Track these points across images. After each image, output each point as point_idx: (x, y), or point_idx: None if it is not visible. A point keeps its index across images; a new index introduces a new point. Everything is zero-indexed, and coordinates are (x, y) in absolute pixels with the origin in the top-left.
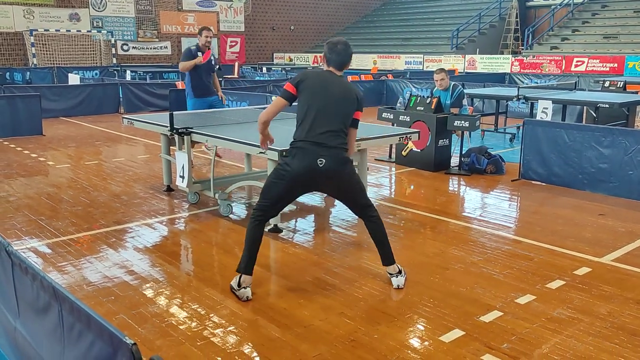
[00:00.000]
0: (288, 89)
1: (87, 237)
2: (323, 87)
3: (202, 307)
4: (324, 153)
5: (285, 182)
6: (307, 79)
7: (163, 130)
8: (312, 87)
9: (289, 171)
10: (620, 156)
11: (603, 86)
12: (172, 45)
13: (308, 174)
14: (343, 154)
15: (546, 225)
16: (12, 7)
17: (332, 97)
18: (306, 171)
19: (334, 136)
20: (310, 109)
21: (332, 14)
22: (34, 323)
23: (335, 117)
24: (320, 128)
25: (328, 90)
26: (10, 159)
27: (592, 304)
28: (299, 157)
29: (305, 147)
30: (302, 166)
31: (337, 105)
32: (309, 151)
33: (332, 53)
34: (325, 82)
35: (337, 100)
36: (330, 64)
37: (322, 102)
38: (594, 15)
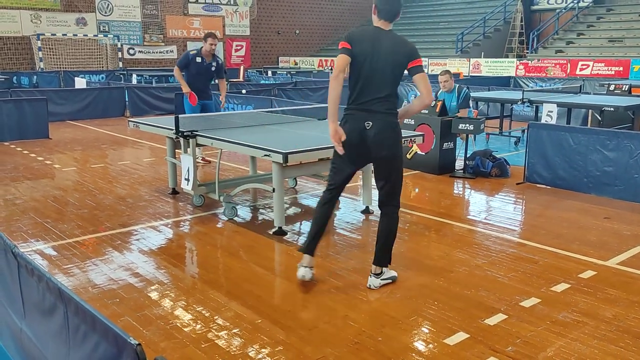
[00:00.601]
0: (345, 46)
1: (92, 240)
2: (371, 51)
3: (207, 309)
4: (371, 118)
5: (342, 155)
6: (356, 40)
7: (168, 133)
8: (360, 51)
9: (345, 137)
10: (625, 159)
11: (608, 89)
12: (177, 50)
13: (358, 138)
14: (391, 118)
15: (551, 229)
16: (19, 11)
17: (379, 62)
18: (356, 134)
19: (382, 102)
20: (358, 75)
21: (337, 18)
22: (39, 324)
23: (383, 82)
24: (368, 95)
25: (376, 53)
26: (17, 162)
27: (597, 307)
28: (350, 122)
29: (354, 113)
30: (351, 130)
31: (385, 69)
32: (357, 116)
33: (385, 4)
34: (373, 44)
35: (385, 64)
36: (381, 16)
37: (370, 67)
38: (599, 18)
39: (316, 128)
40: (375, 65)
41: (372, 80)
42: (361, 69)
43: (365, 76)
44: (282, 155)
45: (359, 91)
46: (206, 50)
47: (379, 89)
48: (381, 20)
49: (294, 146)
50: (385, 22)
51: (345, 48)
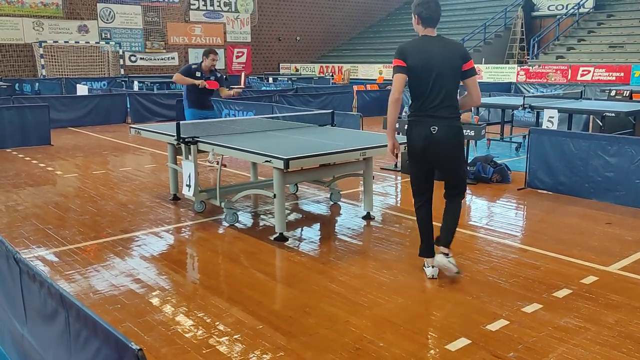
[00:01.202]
0: (399, 64)
1: (94, 246)
2: (427, 60)
3: (208, 315)
4: (436, 123)
5: (412, 158)
6: (408, 53)
7: (170, 140)
8: (416, 62)
9: (412, 145)
10: (626, 165)
11: (609, 95)
12: (179, 56)
13: (424, 145)
14: (455, 122)
15: (552, 234)
16: (21, 19)
17: (437, 68)
18: (423, 139)
19: (445, 107)
20: (419, 85)
21: (338, 25)
22: (41, 330)
23: (443, 88)
24: (431, 103)
25: (432, 60)
26: (18, 169)
27: (599, 313)
28: (415, 128)
29: (419, 120)
30: (418, 134)
31: (444, 74)
32: (423, 122)
33: (428, 11)
34: (427, 53)
35: (443, 69)
36: (426, 24)
37: (428, 75)
38: (600, 24)
39: (317, 134)
40: (433, 72)
41: (433, 87)
42: (420, 78)
43: (425, 85)
44: (283, 161)
45: (422, 99)
46: (207, 66)
47: (440, 95)
48: (427, 29)
49: (295, 152)
50: (430, 29)
51: (400, 66)
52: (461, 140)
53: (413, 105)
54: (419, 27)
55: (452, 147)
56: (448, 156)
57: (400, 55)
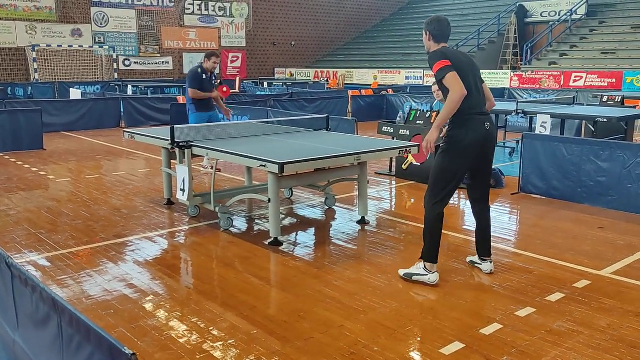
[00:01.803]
0: (446, 63)
1: (87, 251)
2: (462, 62)
3: (202, 320)
4: (485, 119)
5: (460, 159)
6: (450, 56)
7: (164, 144)
8: (456, 63)
9: (463, 141)
10: (618, 170)
11: (601, 101)
12: (173, 61)
13: (482, 141)
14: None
15: (546, 239)
16: (14, 22)
17: (469, 67)
18: (480, 138)
19: (483, 102)
20: (467, 85)
21: (333, 30)
22: (33, 335)
23: (478, 84)
24: (473, 100)
25: (464, 63)
26: (10, 173)
27: (592, 317)
28: (472, 127)
29: (474, 118)
30: (477, 134)
31: (475, 73)
32: (476, 119)
33: (441, 29)
34: (456, 55)
35: (473, 69)
36: (441, 40)
37: (467, 74)
38: (592, 31)
39: (312, 139)
40: (469, 70)
41: (473, 87)
42: (464, 77)
43: (467, 83)
44: (278, 165)
45: (469, 97)
46: (209, 68)
47: (478, 90)
48: (441, 43)
49: (290, 157)
50: (444, 44)
51: (448, 65)
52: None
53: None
54: (431, 44)
55: (495, 142)
56: (491, 151)
57: (444, 56)
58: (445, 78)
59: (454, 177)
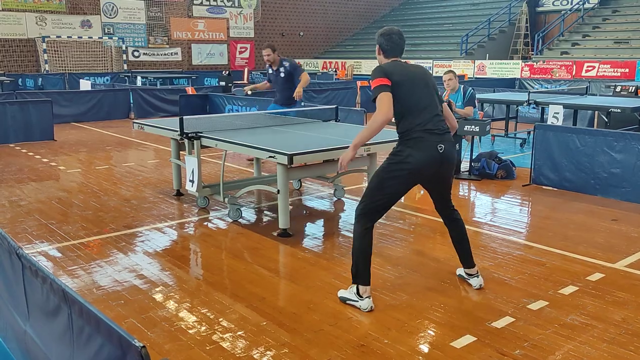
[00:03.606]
0: (384, 82)
1: (97, 241)
2: (409, 76)
3: (212, 311)
4: (441, 140)
5: (402, 178)
6: (390, 71)
7: (173, 135)
8: (400, 78)
9: (409, 163)
10: (632, 161)
11: (614, 91)
12: (182, 52)
13: (430, 163)
14: (450, 135)
15: (558, 231)
16: (24, 14)
17: (420, 82)
18: (429, 161)
19: (441, 120)
20: (409, 99)
21: (341, 20)
22: (43, 326)
23: (432, 100)
24: (428, 114)
25: (412, 76)
26: (22, 164)
27: (606, 310)
28: (419, 148)
29: (422, 137)
30: (425, 156)
31: (428, 88)
32: (428, 140)
33: (390, 43)
34: (405, 70)
35: (425, 84)
36: (390, 55)
37: (417, 90)
38: (605, 20)
39: (321, 129)
40: (419, 86)
41: (423, 98)
42: (408, 93)
43: (416, 96)
44: (287, 156)
45: (417, 113)
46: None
47: (433, 107)
48: (390, 58)
49: (299, 148)
50: (395, 57)
51: (385, 85)
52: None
53: (406, 122)
54: (381, 57)
55: (452, 163)
56: (447, 173)
57: (383, 74)
58: (377, 97)
59: (385, 196)
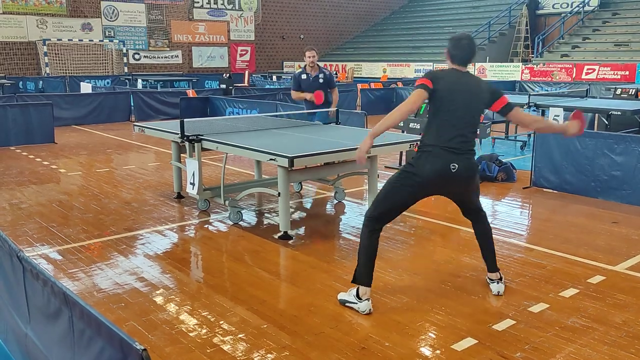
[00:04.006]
0: (426, 83)
1: (97, 244)
2: (452, 90)
3: (212, 314)
4: (457, 159)
5: (411, 188)
6: (438, 79)
7: (174, 138)
8: (443, 89)
9: (419, 176)
10: (633, 163)
11: (615, 94)
12: (182, 54)
13: (439, 179)
14: (473, 159)
15: (559, 233)
16: (25, 17)
17: (461, 100)
18: (437, 176)
19: (465, 142)
20: (440, 113)
21: (342, 23)
22: (44, 329)
23: (465, 121)
24: (451, 133)
25: (457, 92)
26: (22, 167)
27: (607, 313)
28: (431, 162)
29: (436, 152)
30: (434, 170)
31: (467, 108)
32: (441, 156)
33: (457, 49)
34: (454, 84)
35: (466, 103)
36: (455, 61)
37: (452, 106)
38: (605, 23)
39: (321, 132)
40: (458, 103)
41: (455, 117)
42: (442, 105)
43: (448, 112)
44: (288, 159)
45: (441, 129)
46: (307, 64)
47: (462, 127)
48: (455, 64)
49: (300, 150)
50: (460, 66)
51: (425, 85)
52: (477, 176)
53: (429, 135)
54: (449, 62)
55: (470, 184)
56: (463, 192)
57: (430, 77)
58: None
59: (394, 204)
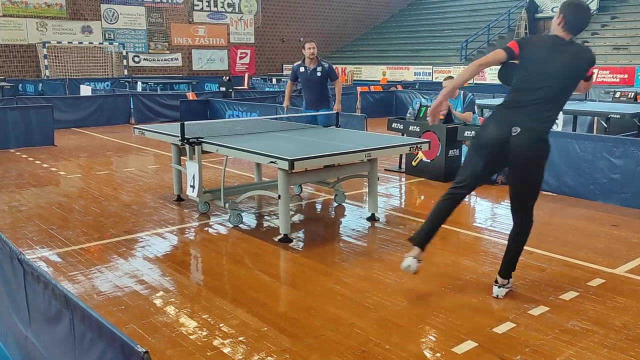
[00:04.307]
0: (512, 47)
1: (97, 247)
2: (546, 57)
3: (212, 317)
4: (521, 122)
5: (476, 150)
6: (532, 44)
7: (174, 140)
8: (535, 55)
9: (480, 137)
10: (632, 167)
11: (614, 97)
12: (182, 57)
13: (495, 142)
14: (544, 128)
15: (558, 236)
16: (25, 19)
17: (553, 68)
18: (496, 141)
19: (542, 109)
20: (525, 78)
21: (341, 26)
22: (45, 332)
23: (548, 92)
24: (529, 96)
25: (550, 60)
26: (22, 169)
27: (607, 316)
28: (493, 126)
29: (503, 114)
30: (493, 135)
31: (556, 78)
32: (505, 119)
33: (576, 15)
34: (549, 51)
35: (556, 74)
36: (566, 28)
37: (540, 73)
38: (604, 26)
39: (321, 135)
40: (548, 71)
41: (540, 83)
42: (530, 71)
43: (533, 78)
44: (288, 162)
45: (521, 92)
46: (306, 57)
47: (544, 94)
48: (564, 32)
49: (300, 153)
50: (567, 33)
51: (511, 48)
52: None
53: (507, 97)
54: (557, 27)
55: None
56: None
57: (519, 42)
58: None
59: (468, 166)
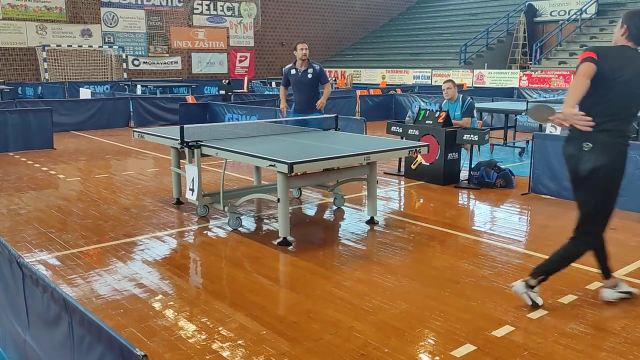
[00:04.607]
0: (590, 55)
1: (96, 250)
2: (622, 66)
3: (211, 320)
4: (585, 137)
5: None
6: (606, 54)
7: (173, 144)
8: (609, 66)
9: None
10: (631, 170)
11: None
12: (182, 60)
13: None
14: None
15: (557, 239)
16: (25, 23)
17: (632, 78)
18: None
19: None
20: (607, 92)
21: (341, 30)
22: (44, 335)
23: (632, 101)
24: (622, 114)
25: (628, 70)
26: (21, 173)
27: (605, 319)
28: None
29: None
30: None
31: (635, 87)
32: (620, 140)
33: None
34: (625, 61)
35: (629, 84)
36: (631, 38)
37: (621, 85)
38: (602, 30)
39: (321, 138)
40: (627, 82)
41: (623, 99)
42: (611, 85)
43: (616, 92)
44: (287, 165)
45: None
46: (298, 58)
47: (630, 109)
48: (629, 42)
49: (299, 156)
50: (633, 44)
51: (592, 57)
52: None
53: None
54: (621, 37)
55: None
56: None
57: (594, 51)
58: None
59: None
